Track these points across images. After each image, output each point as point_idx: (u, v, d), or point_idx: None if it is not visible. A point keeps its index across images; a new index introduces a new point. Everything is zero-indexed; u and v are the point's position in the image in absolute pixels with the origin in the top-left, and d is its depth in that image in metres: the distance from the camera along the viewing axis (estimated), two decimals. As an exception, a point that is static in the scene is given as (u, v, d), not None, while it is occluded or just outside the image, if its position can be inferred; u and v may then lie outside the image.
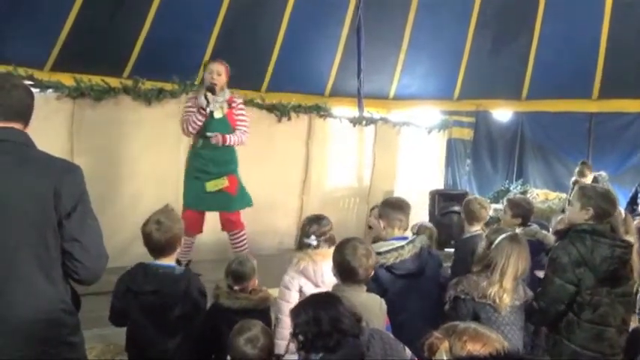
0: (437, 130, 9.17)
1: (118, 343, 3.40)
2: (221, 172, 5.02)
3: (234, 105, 5.03)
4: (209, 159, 4.97)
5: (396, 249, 3.16)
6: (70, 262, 2.05)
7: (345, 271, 2.64)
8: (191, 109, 4.88)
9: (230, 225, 5.15)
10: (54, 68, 8.23)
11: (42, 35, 8.17)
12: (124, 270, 2.86)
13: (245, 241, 5.21)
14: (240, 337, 2.48)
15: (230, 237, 5.20)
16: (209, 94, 4.80)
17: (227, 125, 4.97)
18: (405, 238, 3.30)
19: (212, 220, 6.24)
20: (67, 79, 5.57)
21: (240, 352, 2.46)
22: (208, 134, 4.87)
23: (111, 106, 5.54)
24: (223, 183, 5.01)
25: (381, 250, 3.14)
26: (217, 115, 4.90)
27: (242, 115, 5.11)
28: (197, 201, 4.96)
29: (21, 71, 5.22)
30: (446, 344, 1.62)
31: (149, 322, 2.72)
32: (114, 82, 5.80)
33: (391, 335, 2.42)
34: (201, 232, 5.15)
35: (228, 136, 4.92)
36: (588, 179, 7.79)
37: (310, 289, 2.89)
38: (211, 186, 4.96)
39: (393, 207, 3.38)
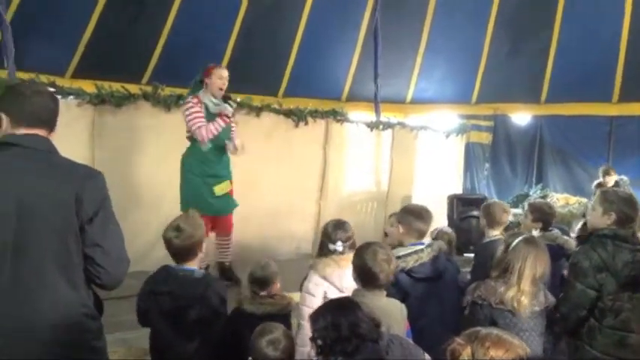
0: (455, 134, 9.13)
1: (139, 347, 3.43)
2: (226, 176, 5.05)
3: None
4: (216, 162, 4.97)
5: (415, 252, 3.16)
6: (92, 267, 2.07)
7: (365, 275, 2.64)
8: (201, 115, 4.78)
9: (227, 227, 5.17)
10: (75, 75, 8.33)
11: (63, 43, 8.29)
12: (146, 274, 2.89)
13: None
14: (262, 339, 2.49)
15: (222, 239, 5.23)
16: (230, 102, 4.87)
17: (227, 127, 4.99)
18: (422, 244, 3.28)
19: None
20: (87, 86, 5.64)
21: (261, 354, 2.47)
22: (227, 141, 4.90)
23: (131, 112, 5.60)
24: (229, 186, 5.06)
25: (400, 254, 3.13)
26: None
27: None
28: (207, 206, 4.78)
29: (43, 79, 5.31)
30: (468, 350, 1.62)
31: (167, 325, 2.74)
32: (133, 88, 5.88)
33: (411, 341, 2.42)
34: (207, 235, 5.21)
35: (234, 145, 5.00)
36: (612, 179, 7.73)
37: (334, 295, 2.88)
38: (219, 190, 4.96)
39: (414, 215, 3.34)
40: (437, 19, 10.17)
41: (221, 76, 4.87)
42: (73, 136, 5.16)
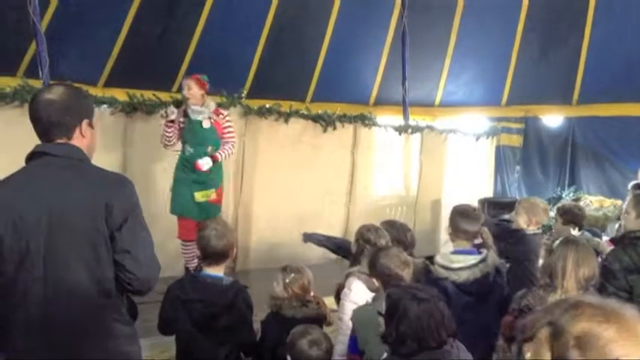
0: (485, 137, 9.03)
1: (173, 352, 3.47)
2: (212, 184, 5.21)
3: (220, 116, 5.22)
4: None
5: (469, 267, 3.01)
6: (123, 274, 2.07)
7: (391, 280, 2.62)
8: (169, 125, 5.10)
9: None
10: (107, 84, 8.51)
11: (95, 53, 8.47)
12: (177, 279, 2.93)
13: None
14: (303, 340, 2.51)
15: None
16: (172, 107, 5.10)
17: (214, 135, 5.17)
18: (472, 252, 3.11)
19: (260, 229, 6.32)
20: (119, 95, 5.76)
21: (304, 355, 2.48)
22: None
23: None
24: (211, 195, 5.20)
25: (454, 266, 3.00)
26: (206, 125, 5.11)
27: (230, 127, 5.30)
28: (185, 209, 5.14)
29: (76, 88, 5.43)
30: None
31: (198, 331, 2.76)
32: (164, 96, 5.98)
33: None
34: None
35: (218, 155, 5.13)
36: None
37: None
38: (200, 196, 5.14)
39: (460, 214, 3.17)
40: (465, 21, 10.08)
41: (184, 86, 5.13)
42: (105, 143, 5.25)
